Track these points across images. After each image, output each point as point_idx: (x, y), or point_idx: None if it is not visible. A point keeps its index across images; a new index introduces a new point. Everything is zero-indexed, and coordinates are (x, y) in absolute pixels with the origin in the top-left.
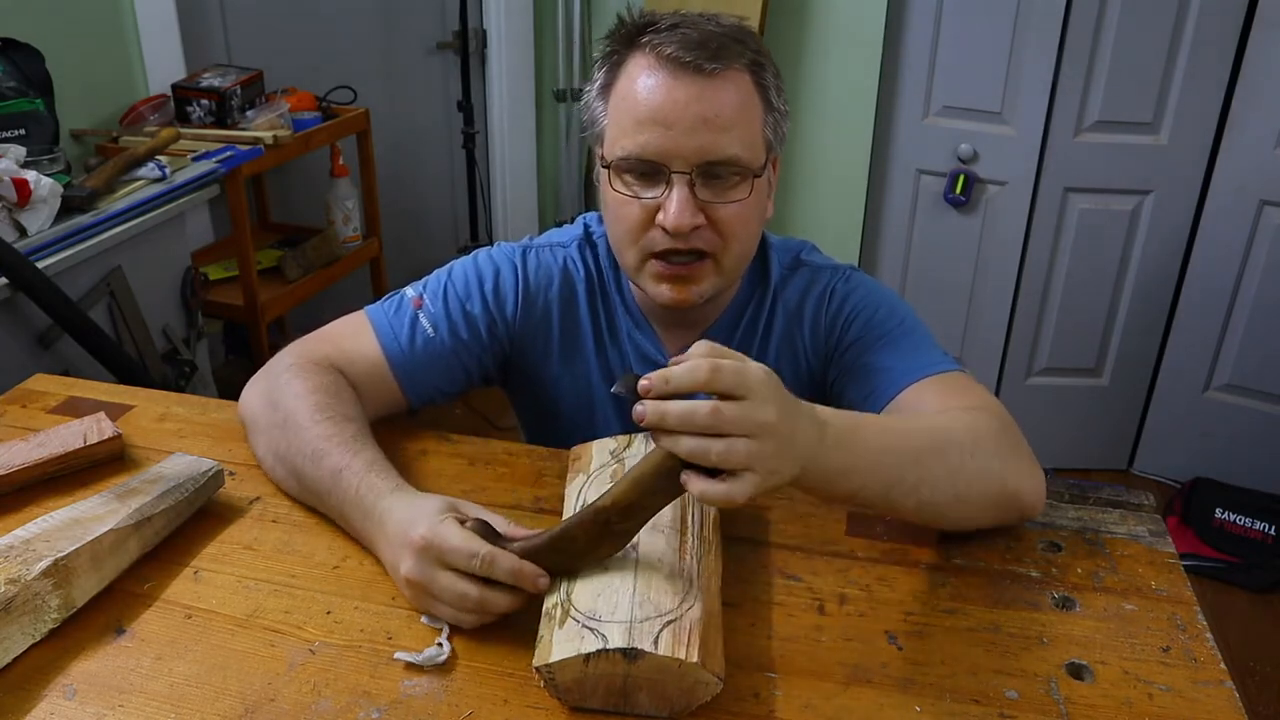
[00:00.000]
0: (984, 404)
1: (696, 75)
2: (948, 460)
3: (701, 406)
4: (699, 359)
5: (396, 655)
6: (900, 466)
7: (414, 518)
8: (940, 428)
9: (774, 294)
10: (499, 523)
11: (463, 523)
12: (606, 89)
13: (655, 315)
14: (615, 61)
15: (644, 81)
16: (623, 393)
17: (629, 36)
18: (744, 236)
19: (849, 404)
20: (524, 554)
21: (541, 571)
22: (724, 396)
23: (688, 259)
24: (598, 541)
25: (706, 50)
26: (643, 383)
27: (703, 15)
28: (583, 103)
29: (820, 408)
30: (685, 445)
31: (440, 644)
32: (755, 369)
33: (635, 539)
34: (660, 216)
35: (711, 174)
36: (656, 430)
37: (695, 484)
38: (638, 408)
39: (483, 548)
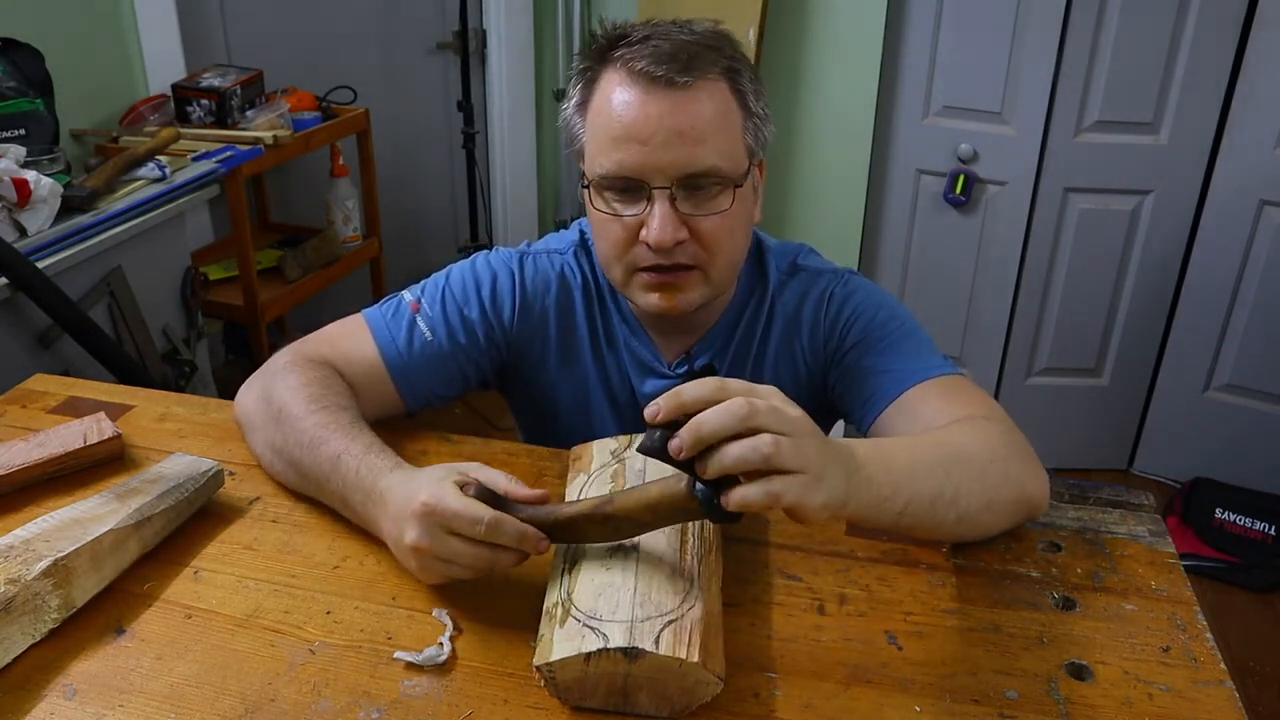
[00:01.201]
0: (986, 408)
1: (669, 89)
2: (973, 469)
3: (734, 402)
4: (704, 380)
5: (396, 655)
6: (935, 479)
7: (414, 488)
8: (956, 439)
9: (771, 299)
10: (501, 480)
11: (463, 487)
12: (583, 106)
13: (652, 322)
14: (589, 78)
15: (618, 98)
16: (651, 446)
17: (601, 52)
18: (730, 247)
19: (849, 407)
20: (529, 522)
21: (544, 535)
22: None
23: (675, 271)
24: (605, 537)
25: (678, 62)
26: (649, 410)
27: (675, 23)
28: (561, 121)
29: (838, 438)
30: (732, 453)
31: (441, 644)
32: (769, 388)
33: (636, 538)
34: (643, 233)
35: (692, 186)
36: (696, 449)
37: (752, 490)
38: (673, 442)
39: (487, 513)
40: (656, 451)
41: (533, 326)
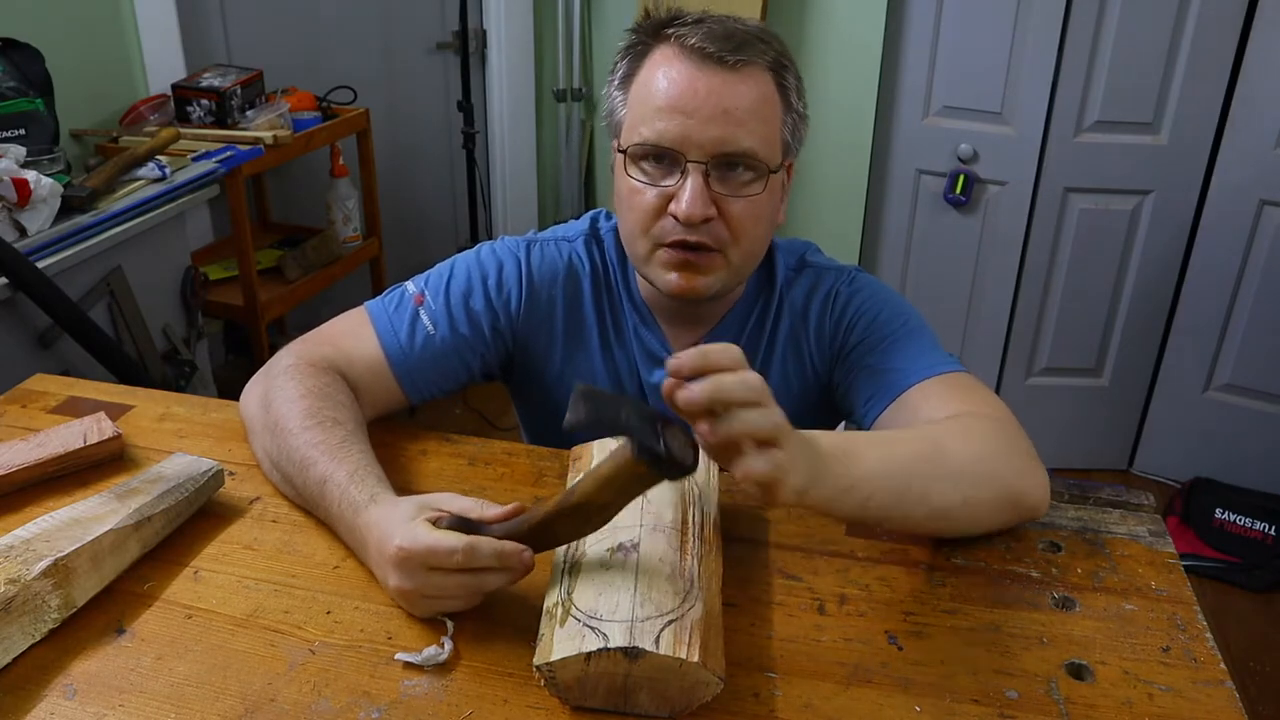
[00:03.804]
0: (988, 405)
1: (719, 67)
2: (950, 465)
3: (753, 376)
4: (725, 344)
5: (397, 656)
6: (905, 474)
7: (388, 531)
8: (936, 436)
9: (779, 295)
10: (471, 507)
11: (435, 522)
12: (628, 79)
13: (662, 312)
14: (639, 52)
15: (666, 71)
16: (579, 419)
17: (654, 29)
18: (754, 235)
19: (851, 406)
20: (505, 537)
21: (524, 547)
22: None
23: (698, 250)
24: (579, 529)
25: (731, 43)
26: (672, 363)
27: (728, 16)
28: (602, 94)
29: (806, 432)
30: (742, 420)
31: (442, 643)
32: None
33: (636, 538)
34: (673, 205)
35: (727, 166)
36: (707, 403)
37: (759, 461)
38: (681, 393)
39: (460, 541)
40: (586, 423)
41: (539, 315)
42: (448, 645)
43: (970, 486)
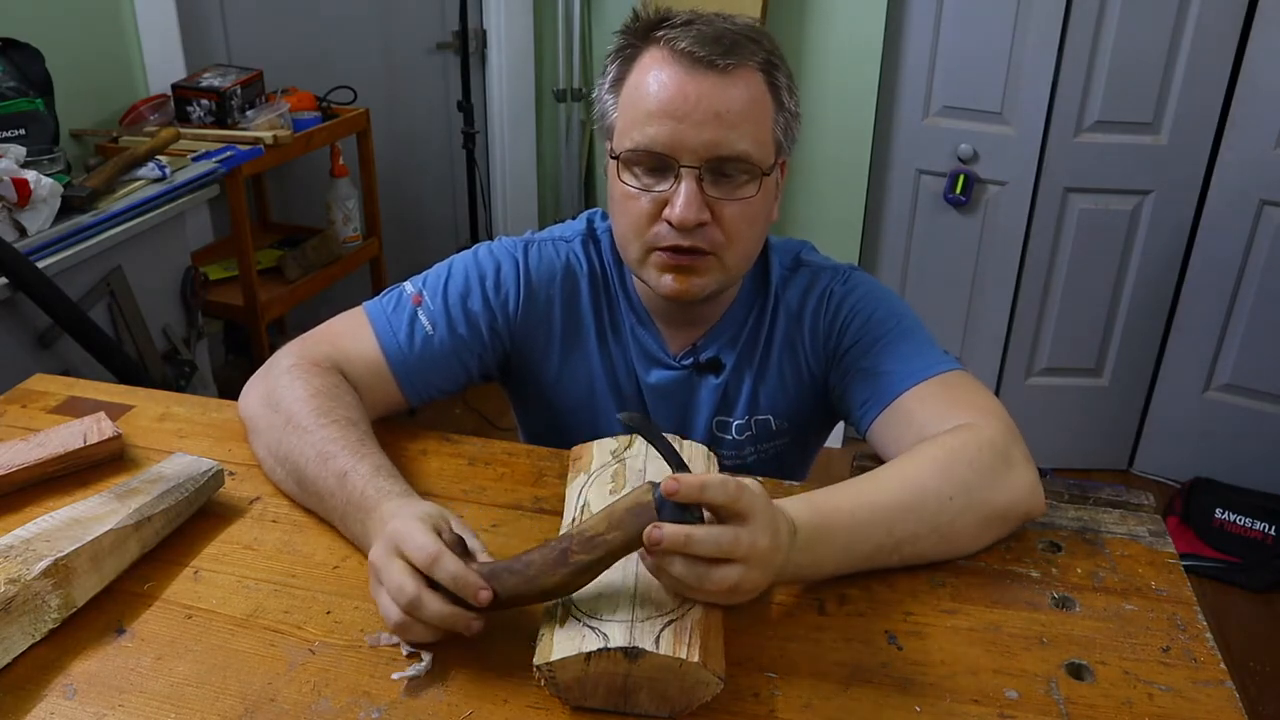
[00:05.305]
0: (982, 408)
1: (709, 70)
2: (924, 513)
3: (722, 535)
4: (726, 478)
5: (394, 676)
6: (875, 539)
7: (401, 511)
8: (913, 481)
9: (775, 296)
10: (476, 547)
11: (440, 532)
12: (618, 83)
13: (659, 312)
14: (628, 55)
15: (656, 75)
16: (629, 422)
17: (643, 31)
18: (749, 236)
19: (848, 409)
20: (483, 574)
21: (485, 585)
22: (725, 512)
23: (693, 254)
24: (552, 569)
25: (720, 46)
26: (669, 483)
27: (717, 15)
28: (594, 96)
29: (793, 505)
30: (678, 569)
31: (410, 651)
32: (758, 488)
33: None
34: (667, 210)
35: (720, 171)
36: (664, 552)
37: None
38: (653, 530)
39: (434, 545)
40: (637, 423)
41: (537, 315)
42: (426, 657)
43: (947, 525)
